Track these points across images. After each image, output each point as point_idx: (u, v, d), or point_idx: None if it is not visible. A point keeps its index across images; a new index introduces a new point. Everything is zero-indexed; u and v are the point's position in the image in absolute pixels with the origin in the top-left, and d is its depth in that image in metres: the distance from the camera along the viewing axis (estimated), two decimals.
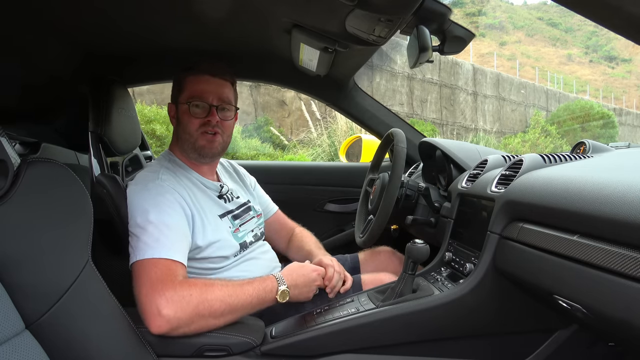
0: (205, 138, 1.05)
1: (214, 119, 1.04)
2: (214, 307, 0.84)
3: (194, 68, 1.06)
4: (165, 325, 0.80)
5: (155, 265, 0.86)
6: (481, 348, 0.92)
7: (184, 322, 0.81)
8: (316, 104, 7.32)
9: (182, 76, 1.07)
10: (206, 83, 1.05)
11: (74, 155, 1.61)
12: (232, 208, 1.12)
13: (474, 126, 12.92)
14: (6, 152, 0.65)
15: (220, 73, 1.07)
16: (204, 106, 1.04)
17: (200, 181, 1.09)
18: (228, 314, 0.87)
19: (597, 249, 0.59)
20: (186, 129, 1.05)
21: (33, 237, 0.66)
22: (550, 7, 52.99)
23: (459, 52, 1.04)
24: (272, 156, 7.04)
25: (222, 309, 0.85)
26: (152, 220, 0.90)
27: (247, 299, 0.89)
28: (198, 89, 1.04)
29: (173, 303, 0.81)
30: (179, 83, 1.08)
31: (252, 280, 0.94)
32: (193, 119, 1.04)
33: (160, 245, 0.88)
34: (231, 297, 0.87)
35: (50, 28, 1.05)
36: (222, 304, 0.85)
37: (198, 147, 1.05)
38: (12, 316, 0.61)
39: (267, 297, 0.93)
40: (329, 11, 0.95)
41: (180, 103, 1.06)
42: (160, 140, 5.58)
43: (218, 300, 0.85)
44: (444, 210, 1.20)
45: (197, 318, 0.83)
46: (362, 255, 1.37)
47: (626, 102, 29.54)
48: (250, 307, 0.91)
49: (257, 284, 0.93)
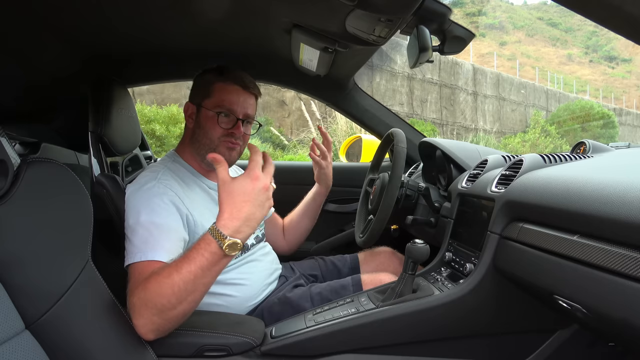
0: (225, 146, 1.05)
1: (239, 132, 1.05)
2: (160, 303, 0.74)
3: (224, 74, 1.05)
4: (142, 332, 0.76)
5: (136, 269, 0.83)
6: (481, 348, 0.92)
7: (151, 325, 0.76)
8: (316, 104, 7.33)
9: (211, 80, 1.06)
10: (236, 95, 1.04)
11: (74, 155, 1.61)
12: None
13: (474, 126, 12.92)
14: (6, 152, 0.65)
15: (250, 87, 1.07)
16: (231, 117, 1.04)
17: (204, 183, 1.08)
18: (180, 300, 0.75)
19: (597, 249, 0.59)
20: (208, 134, 1.04)
21: (33, 237, 0.66)
22: (550, 7, 53.02)
23: (459, 52, 1.04)
24: (272, 156, 7.03)
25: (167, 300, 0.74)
26: (142, 221, 0.89)
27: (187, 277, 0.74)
28: (228, 99, 1.03)
29: (132, 312, 0.77)
30: (206, 86, 1.06)
31: (188, 253, 0.77)
32: (218, 128, 1.03)
33: (147, 247, 0.85)
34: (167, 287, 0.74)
35: (50, 28, 1.05)
36: (163, 298, 0.74)
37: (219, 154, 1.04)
38: (12, 316, 0.61)
39: (211, 260, 0.75)
40: (329, 11, 0.95)
41: (205, 107, 1.05)
42: (160, 140, 5.59)
43: (159, 296, 0.74)
44: (444, 210, 1.20)
45: (155, 317, 0.75)
46: (362, 255, 1.37)
47: (626, 102, 29.55)
48: (199, 279, 0.75)
49: (190, 253, 0.77)
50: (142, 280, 0.79)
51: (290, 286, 1.16)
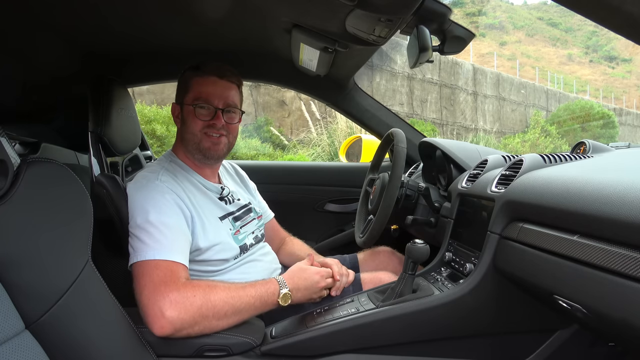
0: (210, 140, 1.05)
1: (219, 122, 1.04)
2: (217, 309, 0.84)
3: (201, 69, 1.05)
4: (169, 327, 0.80)
5: (156, 266, 0.85)
6: (481, 348, 0.92)
7: (187, 324, 0.81)
8: (316, 104, 7.32)
9: (188, 76, 1.06)
10: (213, 85, 1.04)
11: (74, 155, 1.61)
12: (233, 210, 1.12)
13: (474, 126, 12.92)
14: (6, 152, 0.65)
15: (227, 75, 1.06)
16: (209, 109, 1.04)
17: (201, 183, 1.08)
18: (231, 316, 0.86)
19: (597, 249, 0.59)
20: (190, 129, 1.05)
21: (33, 237, 0.66)
22: (550, 7, 53.01)
23: (459, 52, 1.04)
24: (272, 156, 7.04)
25: (225, 310, 0.85)
26: (152, 220, 0.90)
27: (249, 301, 0.89)
28: (204, 91, 1.04)
29: (177, 305, 0.81)
30: (185, 83, 1.07)
31: (255, 282, 0.94)
32: (197, 121, 1.04)
33: (160, 246, 0.87)
34: (234, 299, 0.87)
35: (49, 28, 1.05)
36: (225, 305, 0.85)
37: (203, 148, 1.05)
38: (12, 316, 0.61)
39: (269, 299, 0.93)
40: (329, 11, 0.95)
41: (185, 104, 1.06)
42: (160, 140, 5.58)
43: (221, 302, 0.85)
44: (444, 210, 1.20)
45: (201, 319, 0.82)
46: (362, 255, 1.37)
47: (626, 102, 29.53)
48: (253, 309, 0.90)
49: (260, 286, 0.93)
50: (202, 283, 0.88)
51: None
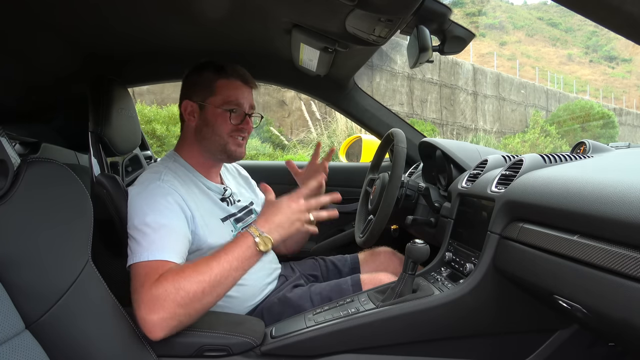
0: (236, 143, 1.08)
1: (249, 128, 1.09)
2: (192, 291, 0.79)
3: (225, 71, 1.07)
4: (156, 330, 0.77)
5: (143, 268, 0.84)
6: (481, 348, 0.92)
7: (170, 320, 0.78)
8: (316, 104, 7.33)
9: (211, 77, 1.07)
10: (240, 90, 1.08)
11: (74, 155, 1.61)
12: (235, 211, 1.12)
13: (474, 126, 12.92)
14: (6, 152, 0.65)
15: (249, 81, 1.11)
16: (239, 113, 1.07)
17: (203, 183, 1.08)
18: (211, 290, 0.81)
19: (597, 249, 0.59)
20: (217, 131, 1.06)
21: (33, 237, 0.66)
22: (550, 7, 53.02)
23: (459, 52, 1.04)
24: (272, 156, 7.04)
25: (202, 288, 0.80)
26: (149, 222, 0.89)
27: (224, 266, 0.83)
28: (234, 95, 1.07)
29: (152, 306, 0.78)
30: (207, 84, 1.07)
31: (226, 245, 0.88)
32: (228, 124, 1.06)
33: (154, 247, 0.86)
34: (205, 274, 0.81)
35: (49, 28, 1.05)
36: (198, 284, 0.80)
37: (229, 150, 1.08)
38: (12, 316, 0.61)
39: (247, 252, 0.86)
40: (329, 11, 0.95)
41: (211, 105, 1.06)
42: (160, 140, 5.58)
43: (194, 283, 0.80)
44: (444, 210, 1.20)
45: (181, 309, 0.79)
46: (362, 255, 1.37)
47: (626, 102, 29.53)
48: (233, 271, 0.84)
49: (232, 246, 0.86)
50: (169, 274, 0.81)
51: (290, 286, 1.16)
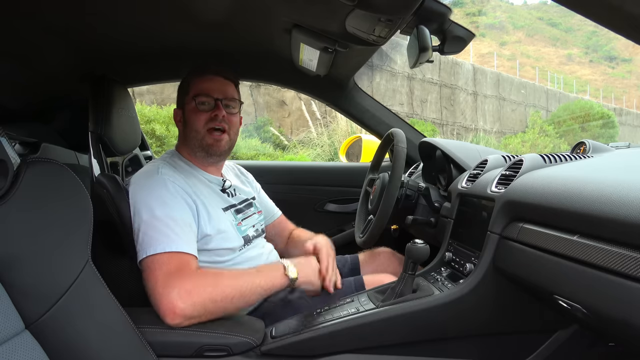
0: (212, 137, 1.07)
1: (221, 113, 1.06)
2: (226, 292, 0.88)
3: (202, 70, 1.10)
4: (181, 315, 0.83)
5: (168, 258, 0.88)
6: (481, 348, 0.92)
7: (199, 311, 0.84)
8: (316, 104, 7.33)
9: (188, 79, 1.11)
10: (210, 81, 1.08)
11: (74, 155, 1.61)
12: (235, 202, 1.13)
13: (474, 126, 12.91)
14: (6, 152, 0.65)
15: (223, 73, 1.10)
16: (209, 101, 1.07)
17: (203, 176, 1.10)
18: (239, 298, 0.90)
19: (597, 249, 0.59)
20: (193, 126, 1.07)
21: (33, 237, 0.66)
22: (550, 7, 52.97)
23: (459, 52, 1.04)
24: (272, 156, 7.04)
25: (234, 293, 0.88)
26: (159, 215, 0.92)
27: (255, 281, 0.92)
28: (203, 86, 1.07)
29: (190, 293, 0.84)
30: (186, 86, 1.10)
31: (259, 266, 0.99)
32: (200, 115, 1.06)
33: (169, 240, 0.89)
34: (240, 282, 0.90)
35: (49, 29, 1.05)
36: (233, 290, 0.88)
37: (206, 145, 1.07)
38: (12, 316, 0.61)
39: (276, 274, 0.96)
40: (329, 11, 0.95)
41: (186, 103, 1.09)
42: (160, 140, 5.58)
43: (229, 287, 0.88)
44: (444, 210, 1.20)
45: (212, 304, 0.86)
46: (362, 256, 1.37)
47: (626, 102, 29.52)
48: (259, 288, 0.93)
49: (264, 266, 0.98)
50: (209, 271, 0.92)
51: None
